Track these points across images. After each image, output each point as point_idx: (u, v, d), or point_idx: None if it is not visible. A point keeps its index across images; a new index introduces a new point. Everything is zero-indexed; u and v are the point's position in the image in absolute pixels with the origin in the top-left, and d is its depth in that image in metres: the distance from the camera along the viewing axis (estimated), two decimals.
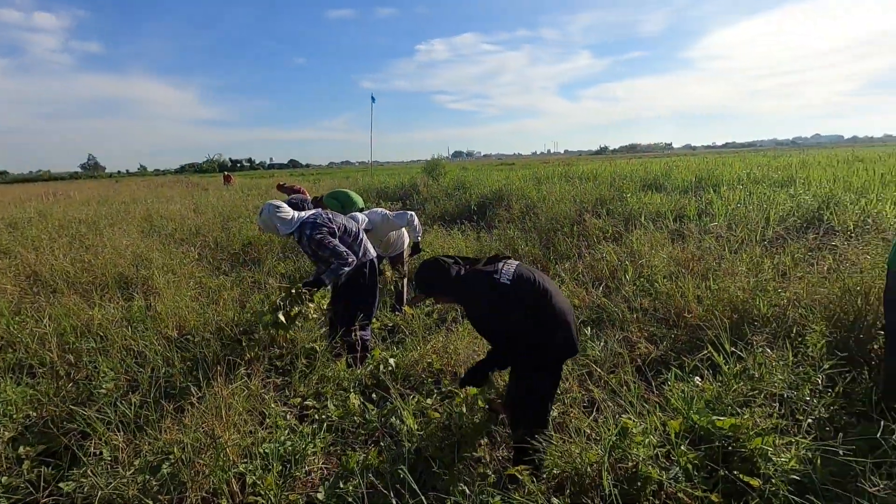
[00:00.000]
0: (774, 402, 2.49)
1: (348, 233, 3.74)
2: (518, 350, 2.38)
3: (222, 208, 11.28)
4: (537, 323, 2.34)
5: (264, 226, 3.64)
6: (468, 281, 2.39)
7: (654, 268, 4.87)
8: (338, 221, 3.71)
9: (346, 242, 3.71)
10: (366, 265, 3.81)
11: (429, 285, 2.46)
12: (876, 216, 5.72)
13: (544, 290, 2.37)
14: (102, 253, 6.15)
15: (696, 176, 10.63)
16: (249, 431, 2.50)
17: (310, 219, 3.60)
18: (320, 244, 3.46)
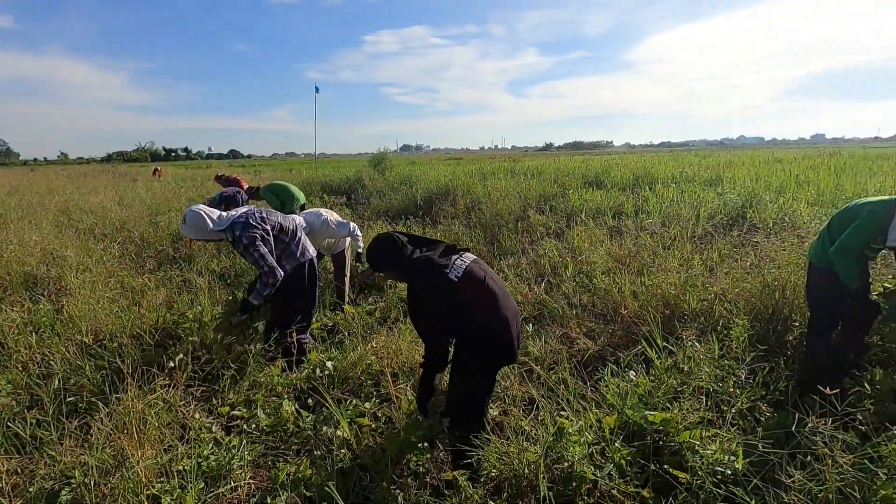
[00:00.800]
0: (702, 396, 2.59)
1: (285, 231, 3.54)
2: (459, 351, 2.34)
3: (151, 201, 10.56)
4: (480, 325, 2.29)
5: (192, 232, 3.35)
6: (420, 268, 2.30)
7: (593, 264, 4.99)
8: (272, 220, 3.49)
9: (283, 242, 3.51)
10: (304, 266, 3.63)
11: (380, 260, 2.39)
12: (792, 214, 6.15)
13: (492, 293, 2.31)
14: (7, 250, 5.55)
15: (634, 174, 11.06)
16: (167, 447, 2.31)
17: (241, 218, 3.34)
18: (247, 250, 3.24)
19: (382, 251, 2.37)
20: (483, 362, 2.34)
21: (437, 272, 2.27)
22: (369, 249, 2.41)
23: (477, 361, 2.33)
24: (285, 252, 3.49)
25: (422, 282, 2.30)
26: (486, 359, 2.33)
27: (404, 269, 2.35)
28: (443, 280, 2.25)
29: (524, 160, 21.14)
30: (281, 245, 3.48)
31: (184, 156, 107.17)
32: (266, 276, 3.26)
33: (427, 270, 2.29)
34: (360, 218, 8.85)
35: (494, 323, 2.29)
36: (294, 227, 3.65)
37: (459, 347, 2.39)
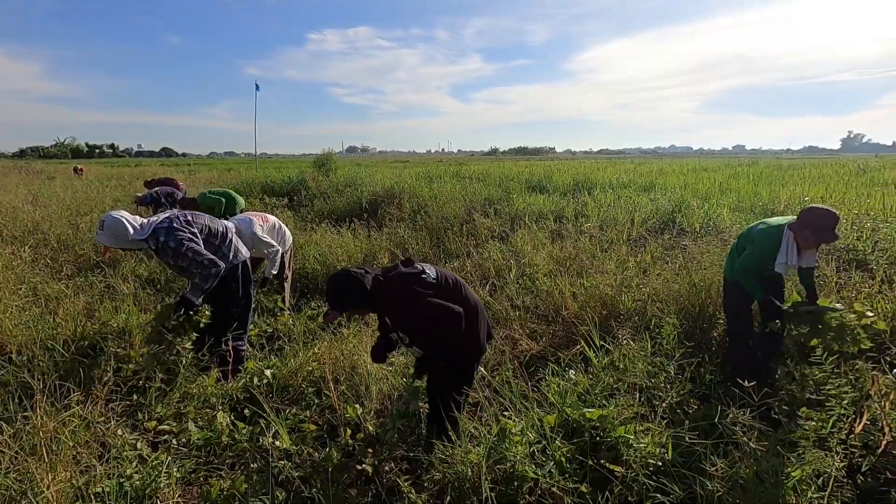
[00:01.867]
0: (635, 392, 2.71)
1: (214, 234, 3.36)
2: (443, 350, 2.39)
3: (71, 201, 9.75)
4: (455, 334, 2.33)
5: (110, 240, 3.08)
6: (397, 285, 2.31)
7: (535, 266, 5.11)
8: (199, 223, 3.30)
9: (213, 245, 3.33)
10: (237, 268, 3.47)
11: (344, 299, 2.31)
12: (716, 219, 6.60)
13: (463, 289, 2.43)
14: None
15: (575, 179, 11.49)
16: (85, 468, 2.12)
17: (164, 223, 3.13)
18: (177, 253, 3.05)
19: (346, 290, 2.29)
20: (468, 357, 2.46)
21: (415, 280, 2.31)
22: (331, 292, 2.33)
23: (463, 356, 2.43)
24: (216, 255, 3.32)
25: (408, 295, 2.27)
26: (471, 353, 2.45)
27: (372, 299, 2.31)
28: (423, 284, 2.30)
29: (470, 164, 21.41)
30: (210, 248, 3.30)
31: (110, 153, 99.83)
32: (206, 268, 3.10)
33: (407, 283, 2.30)
34: (304, 220, 8.61)
35: (473, 316, 2.40)
36: (224, 229, 3.48)
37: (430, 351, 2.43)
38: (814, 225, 2.93)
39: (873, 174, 14.22)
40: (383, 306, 2.38)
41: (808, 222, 2.94)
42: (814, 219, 2.93)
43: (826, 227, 2.91)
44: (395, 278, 2.34)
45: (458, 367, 2.46)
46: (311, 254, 6.04)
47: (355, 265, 2.39)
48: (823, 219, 2.91)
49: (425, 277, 2.33)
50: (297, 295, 5.13)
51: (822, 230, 2.92)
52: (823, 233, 2.92)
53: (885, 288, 3.89)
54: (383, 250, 6.33)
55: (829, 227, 2.91)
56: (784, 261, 3.00)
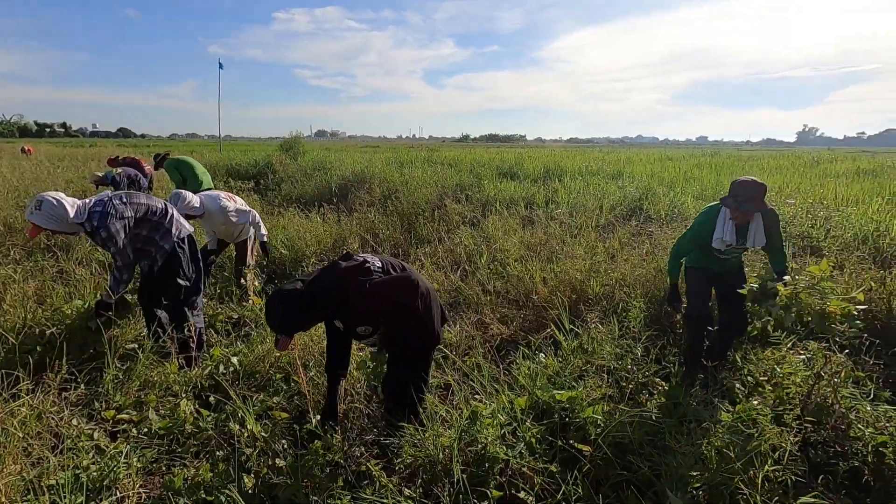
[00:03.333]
0: (603, 374, 2.77)
1: (153, 212, 3.24)
2: (399, 340, 2.35)
3: (18, 181, 9.19)
4: (413, 310, 2.31)
5: (46, 221, 2.87)
6: (343, 282, 2.21)
7: (506, 252, 5.14)
8: (135, 202, 3.16)
9: (152, 222, 3.21)
10: (184, 241, 3.36)
11: (290, 320, 2.19)
12: (681, 207, 6.79)
13: (413, 277, 2.36)
14: None
15: (545, 167, 11.58)
16: (37, 460, 2.02)
17: (97, 207, 2.97)
18: (106, 241, 2.93)
19: (289, 310, 2.16)
20: (421, 348, 2.41)
21: (359, 271, 2.22)
22: (273, 319, 2.19)
23: (414, 348, 2.38)
24: (159, 231, 3.22)
25: (355, 289, 2.19)
26: (428, 342, 2.41)
27: (323, 307, 2.22)
28: (368, 273, 2.23)
29: (442, 150, 21.27)
30: (149, 225, 3.20)
31: (62, 132, 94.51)
32: (120, 270, 3.05)
33: (350, 278, 2.21)
34: (271, 205, 8.39)
35: (427, 304, 2.35)
36: (163, 206, 3.35)
37: (392, 337, 2.40)
38: (733, 193, 2.92)
39: (826, 166, 14.91)
40: (335, 309, 2.27)
41: (732, 191, 2.95)
42: (735, 188, 2.93)
43: (744, 195, 2.87)
44: (339, 276, 2.24)
45: (413, 354, 2.41)
46: (278, 238, 5.89)
47: (289, 281, 2.30)
48: (740, 187, 2.90)
49: (369, 266, 2.26)
50: (264, 280, 5.00)
51: (739, 197, 2.89)
52: (742, 201, 2.88)
53: (836, 273, 4.08)
54: (353, 235, 6.24)
55: (748, 196, 2.86)
56: (719, 235, 3.02)
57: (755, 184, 2.89)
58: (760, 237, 3.01)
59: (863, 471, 2.21)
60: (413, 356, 2.42)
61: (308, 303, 2.18)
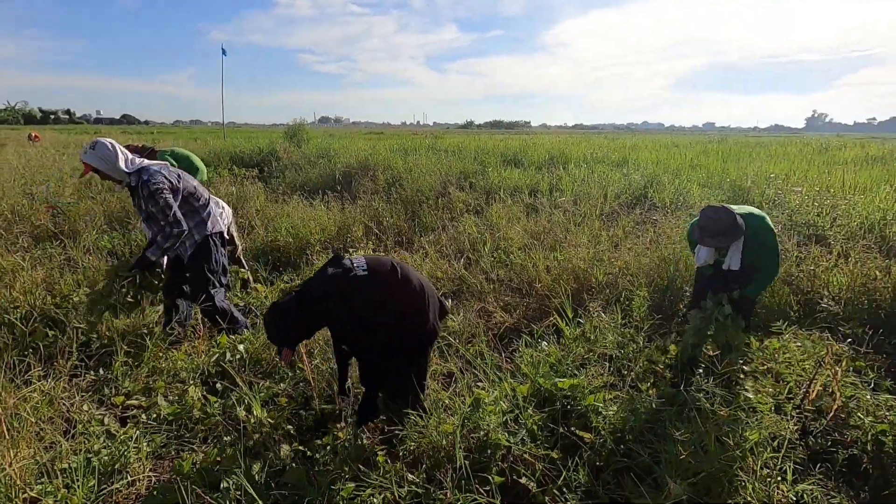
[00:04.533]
0: (606, 362, 2.79)
1: (196, 197, 3.27)
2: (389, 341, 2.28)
3: (24, 168, 9.24)
4: (406, 311, 2.27)
5: (97, 160, 2.97)
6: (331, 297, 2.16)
7: (510, 240, 5.15)
8: (186, 182, 3.23)
9: (193, 207, 3.25)
10: (216, 237, 3.39)
11: (289, 333, 2.22)
12: (686, 194, 6.75)
13: (401, 271, 2.28)
14: None
15: (549, 154, 11.52)
16: (49, 444, 2.07)
17: (154, 167, 3.10)
18: (153, 196, 2.98)
19: (286, 324, 2.18)
20: (419, 345, 2.38)
21: (345, 282, 2.16)
22: (272, 333, 2.22)
23: (412, 347, 2.35)
24: (194, 219, 3.25)
25: (337, 304, 2.16)
26: (421, 339, 2.36)
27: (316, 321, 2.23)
28: (354, 285, 2.16)
29: (445, 137, 21.15)
30: (189, 208, 3.23)
31: (66, 119, 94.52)
32: (170, 226, 3.04)
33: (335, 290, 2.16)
34: (275, 192, 8.39)
35: (421, 302, 2.29)
36: (208, 197, 3.41)
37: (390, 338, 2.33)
38: (702, 225, 2.77)
39: (834, 153, 14.72)
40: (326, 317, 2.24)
41: (700, 221, 2.79)
42: (704, 219, 2.77)
43: (713, 229, 2.72)
44: (322, 285, 2.19)
45: (411, 352, 2.38)
46: (283, 226, 5.91)
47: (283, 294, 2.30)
48: (708, 220, 2.74)
49: (355, 274, 2.18)
50: (268, 268, 5.03)
51: (706, 231, 2.74)
52: (710, 235, 2.73)
53: (842, 262, 4.06)
54: (357, 223, 6.25)
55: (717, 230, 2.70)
56: (698, 258, 2.93)
57: (725, 214, 2.71)
58: (736, 260, 2.82)
59: (862, 459, 2.23)
60: (411, 354, 2.39)
61: (302, 312, 2.18)
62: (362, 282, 2.17)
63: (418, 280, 2.33)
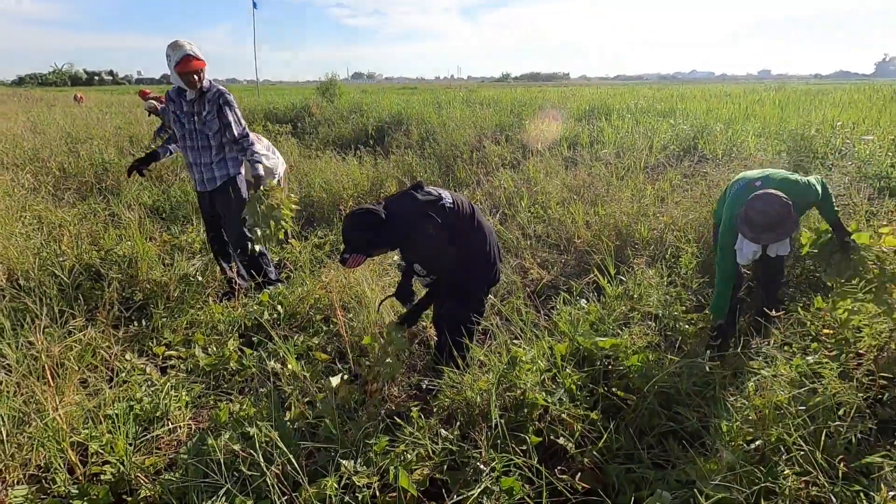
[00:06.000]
0: (650, 321, 2.63)
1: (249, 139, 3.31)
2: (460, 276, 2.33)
3: (71, 128, 9.49)
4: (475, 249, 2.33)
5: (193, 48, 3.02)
6: (417, 215, 2.17)
7: (548, 195, 4.93)
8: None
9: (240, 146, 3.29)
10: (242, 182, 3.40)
11: (370, 240, 2.16)
12: (740, 145, 6.26)
13: (476, 214, 2.35)
14: None
15: (590, 105, 10.92)
16: (94, 392, 2.13)
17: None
18: (230, 105, 3.12)
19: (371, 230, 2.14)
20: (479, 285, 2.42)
21: (433, 207, 2.18)
22: (353, 234, 2.15)
23: (475, 285, 2.39)
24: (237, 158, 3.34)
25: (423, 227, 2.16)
26: (487, 279, 2.43)
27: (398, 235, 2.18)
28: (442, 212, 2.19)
29: (480, 90, 20.42)
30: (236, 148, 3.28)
31: (109, 80, 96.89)
32: (244, 139, 3.19)
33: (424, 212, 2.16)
34: (308, 148, 8.34)
35: (483, 247, 2.36)
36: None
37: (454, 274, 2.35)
38: (748, 217, 2.31)
39: None
40: (404, 239, 2.24)
41: (747, 213, 2.33)
42: (751, 211, 2.30)
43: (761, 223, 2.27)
44: (415, 207, 2.19)
45: (469, 296, 2.40)
46: (316, 182, 5.87)
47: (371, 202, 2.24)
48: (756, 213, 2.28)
49: (444, 204, 2.22)
50: (302, 223, 5.03)
51: (755, 226, 2.30)
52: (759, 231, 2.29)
53: None
54: (391, 178, 6.14)
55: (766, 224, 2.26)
56: (739, 249, 2.45)
57: (779, 205, 2.24)
58: (786, 245, 2.39)
59: None
60: (468, 295, 2.40)
61: (387, 230, 2.17)
62: (448, 213, 2.21)
63: (487, 225, 2.40)
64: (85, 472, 1.82)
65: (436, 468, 1.84)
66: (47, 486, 1.76)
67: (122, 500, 1.77)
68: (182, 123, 3.14)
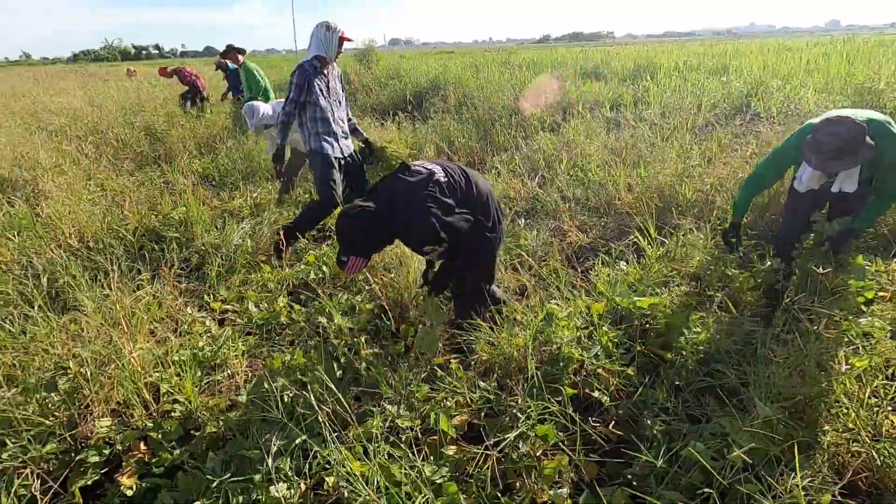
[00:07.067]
0: (692, 281, 2.60)
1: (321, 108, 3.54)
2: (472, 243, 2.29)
3: (125, 101, 9.93)
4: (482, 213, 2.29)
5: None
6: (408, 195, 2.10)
7: (588, 157, 4.83)
8: None
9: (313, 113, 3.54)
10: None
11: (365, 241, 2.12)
12: (798, 102, 5.87)
13: (471, 178, 2.30)
14: None
15: (635, 64, 10.44)
16: (161, 340, 2.33)
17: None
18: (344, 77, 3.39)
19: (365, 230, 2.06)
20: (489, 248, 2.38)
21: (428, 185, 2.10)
22: (346, 237, 2.10)
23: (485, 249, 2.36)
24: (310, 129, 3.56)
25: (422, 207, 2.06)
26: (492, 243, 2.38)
27: (394, 223, 2.10)
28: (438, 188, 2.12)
29: (519, 52, 19.78)
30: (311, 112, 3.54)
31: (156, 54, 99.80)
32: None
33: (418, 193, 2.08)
34: None
35: (488, 207, 2.31)
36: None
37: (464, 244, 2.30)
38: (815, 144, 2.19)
39: None
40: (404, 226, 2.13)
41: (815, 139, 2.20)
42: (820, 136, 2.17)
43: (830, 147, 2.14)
44: (407, 190, 2.11)
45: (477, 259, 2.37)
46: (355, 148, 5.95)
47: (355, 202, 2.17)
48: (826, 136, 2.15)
49: (437, 178, 2.13)
50: None
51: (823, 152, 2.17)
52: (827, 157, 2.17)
53: None
54: (430, 143, 6.15)
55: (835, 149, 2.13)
56: (800, 178, 2.35)
57: (852, 129, 2.10)
58: (852, 182, 2.28)
59: None
60: (476, 259, 2.38)
61: (375, 225, 2.09)
62: (445, 186, 2.16)
63: (485, 186, 2.35)
64: (157, 409, 2.02)
65: (473, 415, 1.94)
66: (126, 420, 1.97)
67: (189, 434, 1.96)
68: (327, 93, 3.49)
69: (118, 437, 1.85)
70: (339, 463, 1.53)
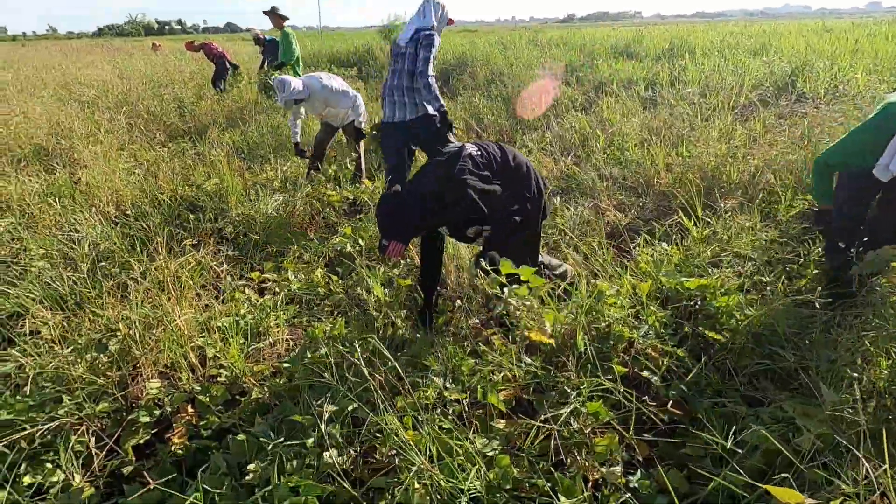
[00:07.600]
0: (742, 263, 2.51)
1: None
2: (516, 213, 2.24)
3: (152, 74, 9.98)
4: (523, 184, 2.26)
5: None
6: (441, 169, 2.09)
7: (625, 136, 4.69)
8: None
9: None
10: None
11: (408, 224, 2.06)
12: (847, 83, 5.61)
13: (508, 153, 2.27)
14: (13, 122, 5.35)
15: (670, 43, 10.09)
16: (205, 306, 2.34)
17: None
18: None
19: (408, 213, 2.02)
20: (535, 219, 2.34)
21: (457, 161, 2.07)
22: (385, 221, 2.06)
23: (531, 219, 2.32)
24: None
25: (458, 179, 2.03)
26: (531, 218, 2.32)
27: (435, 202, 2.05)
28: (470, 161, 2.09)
29: (546, 32, 19.32)
30: None
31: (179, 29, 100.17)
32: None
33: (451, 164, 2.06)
34: (375, 90, 8.34)
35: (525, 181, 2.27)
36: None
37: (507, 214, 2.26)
38: None
39: None
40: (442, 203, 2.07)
41: None
42: None
43: None
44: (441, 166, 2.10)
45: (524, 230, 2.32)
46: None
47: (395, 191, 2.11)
48: None
49: (469, 153, 2.12)
50: (377, 165, 5.11)
51: None
52: None
53: None
54: (458, 120, 6.05)
55: None
56: (886, 163, 2.05)
57: None
58: None
59: None
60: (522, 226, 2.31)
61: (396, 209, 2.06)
62: (477, 158, 2.14)
63: (522, 159, 2.31)
64: (204, 374, 2.04)
65: (521, 390, 1.91)
66: (174, 382, 1.99)
67: (235, 399, 1.97)
68: None
69: (167, 399, 1.87)
70: (393, 432, 1.51)
